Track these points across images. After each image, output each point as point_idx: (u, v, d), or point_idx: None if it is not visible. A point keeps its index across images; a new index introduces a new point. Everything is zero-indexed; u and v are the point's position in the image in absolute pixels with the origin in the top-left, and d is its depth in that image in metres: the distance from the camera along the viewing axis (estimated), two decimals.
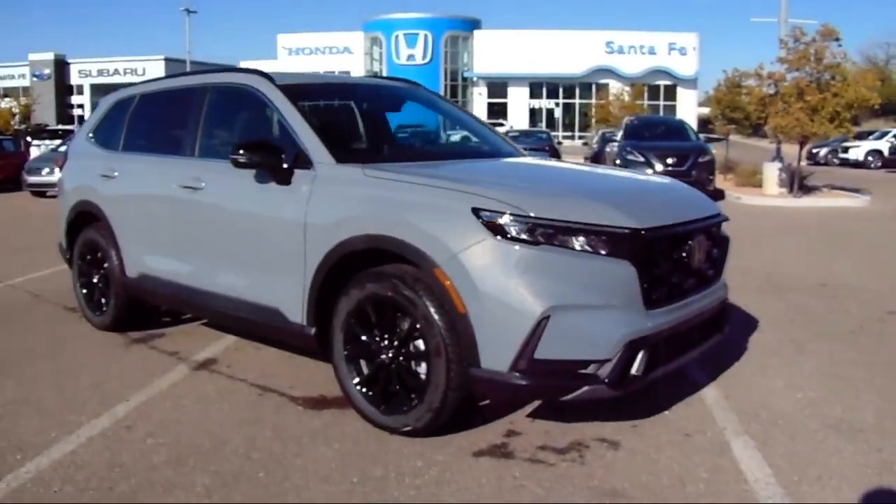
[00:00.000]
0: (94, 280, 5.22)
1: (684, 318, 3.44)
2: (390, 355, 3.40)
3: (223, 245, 4.10)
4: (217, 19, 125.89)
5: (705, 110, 50.91)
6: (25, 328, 5.34)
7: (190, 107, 4.50)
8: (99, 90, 53.99)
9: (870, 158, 28.06)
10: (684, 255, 3.50)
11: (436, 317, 3.17)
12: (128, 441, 3.37)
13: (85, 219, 5.25)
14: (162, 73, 56.01)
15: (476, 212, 3.11)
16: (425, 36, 53.83)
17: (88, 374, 4.28)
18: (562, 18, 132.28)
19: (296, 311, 3.69)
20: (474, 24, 55.54)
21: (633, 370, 3.14)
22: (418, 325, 3.24)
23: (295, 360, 4.51)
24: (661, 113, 43.58)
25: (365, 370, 3.52)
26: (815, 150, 29.53)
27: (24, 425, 3.55)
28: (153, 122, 5.03)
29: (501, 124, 46.42)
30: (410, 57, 54.11)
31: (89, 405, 3.80)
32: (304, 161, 3.72)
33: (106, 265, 5.07)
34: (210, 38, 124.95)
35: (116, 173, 4.90)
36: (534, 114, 52.55)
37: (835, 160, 29.42)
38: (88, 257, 5.25)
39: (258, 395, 3.95)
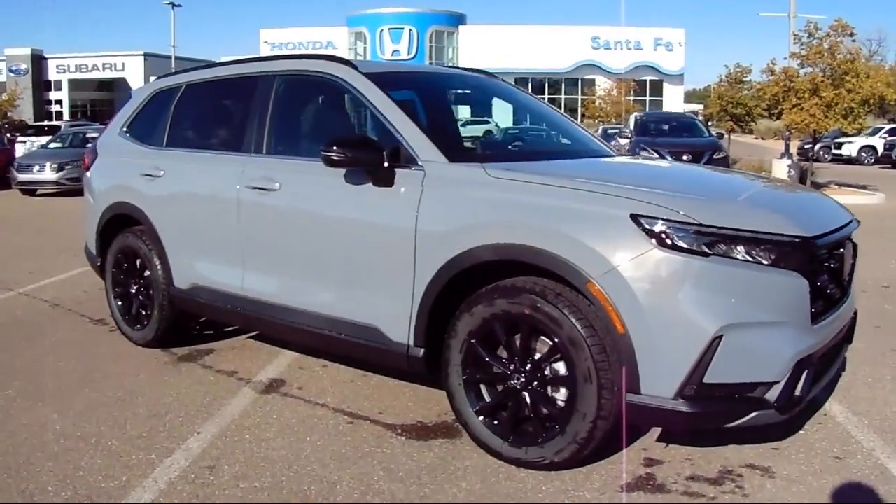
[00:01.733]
0: (133, 290, 4.69)
1: (836, 331, 3.14)
2: (521, 380, 2.95)
3: (305, 254, 3.61)
4: (197, 14, 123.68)
5: (692, 106, 51.04)
6: (54, 346, 4.79)
7: (253, 97, 3.97)
8: (77, 86, 52.78)
9: (863, 154, 28.08)
10: (837, 263, 3.15)
11: (585, 338, 2.74)
12: (217, 486, 2.88)
13: (121, 222, 4.72)
14: (141, 70, 54.98)
15: (636, 218, 2.70)
16: (410, 31, 53.35)
17: (143, 402, 3.76)
18: (547, 14, 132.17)
19: (400, 329, 3.22)
20: (459, 19, 55.16)
21: (798, 391, 2.80)
22: (561, 347, 2.81)
23: (371, 379, 4.04)
24: (647, 108, 43.40)
25: (487, 397, 3.07)
26: (806, 146, 29.54)
27: (87, 467, 3.04)
28: (205, 114, 4.51)
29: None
30: (395, 52, 53.59)
31: (156, 440, 3.30)
32: (406, 159, 3.25)
33: (148, 274, 4.54)
34: (190, 34, 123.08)
35: (162, 172, 4.37)
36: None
37: (826, 156, 29.39)
38: (125, 265, 4.72)
39: (348, 423, 3.47)
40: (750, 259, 2.71)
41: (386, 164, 3.22)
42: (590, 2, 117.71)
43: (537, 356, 2.94)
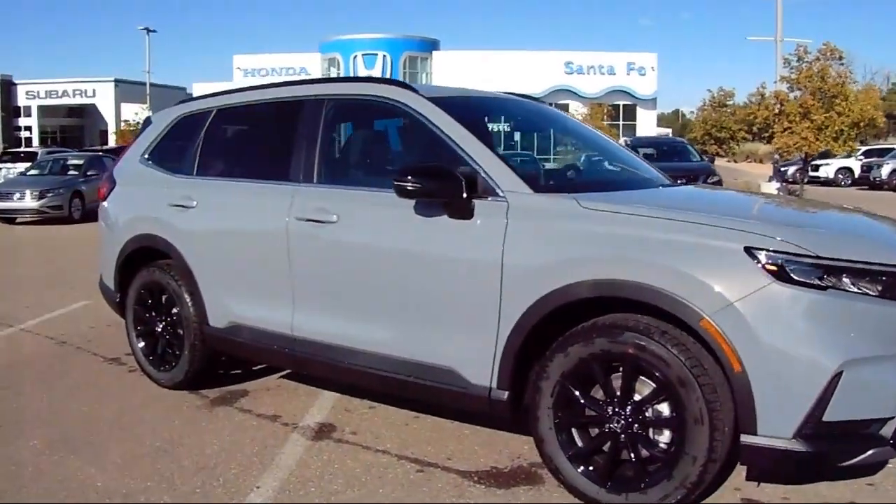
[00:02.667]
0: (158, 329, 4.38)
1: None
2: (620, 423, 2.75)
3: (368, 291, 3.36)
4: (169, 41, 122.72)
5: (662, 130, 51.68)
6: (71, 388, 4.45)
7: (298, 123, 3.73)
8: (47, 112, 51.87)
9: (840, 176, 28.56)
10: None
11: (696, 377, 2.55)
12: None
13: (146, 255, 4.43)
14: (112, 96, 54.26)
15: (750, 251, 2.55)
16: (384, 57, 53.45)
17: (187, 452, 3.46)
18: (520, 39, 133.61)
19: (481, 371, 3.00)
20: (433, 45, 55.48)
21: None
22: (668, 388, 2.62)
23: (426, 421, 3.79)
24: (621, 133, 43.87)
25: (580, 441, 2.86)
26: (783, 168, 29.98)
27: None
28: (241, 141, 4.26)
29: None
30: None
31: (214, 496, 3.01)
32: (485, 189, 3.05)
33: (176, 311, 4.25)
34: (162, 60, 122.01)
35: (195, 203, 4.10)
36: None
37: (803, 178, 29.85)
38: (150, 302, 4.41)
39: (418, 471, 3.22)
40: (861, 291, 2.57)
41: (465, 196, 3.01)
42: (563, 27, 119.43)
43: (637, 397, 2.75)
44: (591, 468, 2.82)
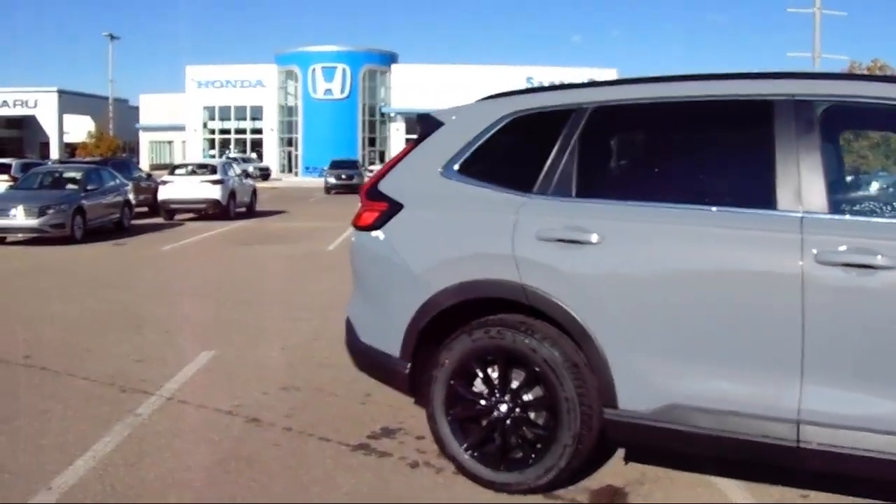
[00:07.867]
0: (500, 414, 3.10)
1: None
2: None
3: None
4: (116, 49, 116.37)
5: None
6: None
7: (777, 131, 2.76)
8: None
9: None
10: None
11: None
12: None
13: (470, 311, 3.16)
14: (55, 107, 50.75)
15: None
16: (343, 70, 52.40)
17: None
18: (480, 54, 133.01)
19: None
20: (392, 58, 54.68)
21: None
22: None
23: None
24: None
25: None
26: None
27: None
28: (662, 150, 3.11)
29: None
30: (328, 91, 52.60)
31: None
32: None
33: (536, 389, 3.01)
34: (103, 70, 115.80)
35: (594, 237, 2.87)
36: None
37: None
38: (484, 376, 3.14)
39: None
40: None
41: None
42: (525, 43, 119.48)
43: None
44: None
